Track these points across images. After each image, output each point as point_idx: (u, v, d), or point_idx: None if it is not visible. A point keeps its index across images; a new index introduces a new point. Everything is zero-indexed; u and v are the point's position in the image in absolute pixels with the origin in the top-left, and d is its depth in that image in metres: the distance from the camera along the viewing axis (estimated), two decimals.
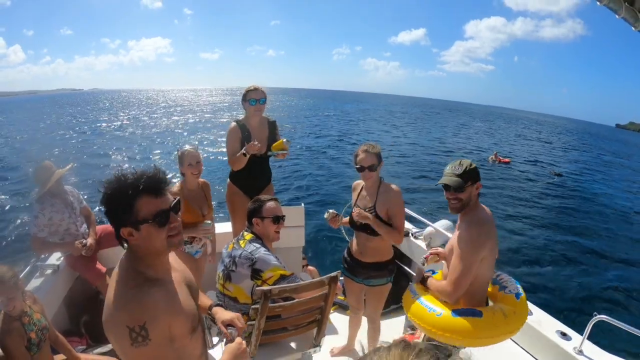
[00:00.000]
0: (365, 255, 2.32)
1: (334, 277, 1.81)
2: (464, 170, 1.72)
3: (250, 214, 2.08)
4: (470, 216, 1.76)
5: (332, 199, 9.95)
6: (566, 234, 9.21)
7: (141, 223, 1.02)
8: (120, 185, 1.02)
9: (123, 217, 1.02)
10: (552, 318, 2.31)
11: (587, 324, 2.01)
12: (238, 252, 1.95)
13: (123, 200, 1.01)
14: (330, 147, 19.85)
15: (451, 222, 3.12)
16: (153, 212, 1.03)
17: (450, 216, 3.18)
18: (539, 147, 31.05)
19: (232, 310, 1.98)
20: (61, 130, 27.02)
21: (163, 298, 1.05)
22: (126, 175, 1.03)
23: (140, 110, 51.72)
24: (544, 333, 2.18)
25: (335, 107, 65.64)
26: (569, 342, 2.11)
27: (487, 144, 27.82)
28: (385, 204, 2.22)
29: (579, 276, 6.83)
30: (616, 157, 34.11)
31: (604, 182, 18.10)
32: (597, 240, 9.13)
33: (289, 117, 37.84)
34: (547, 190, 14.07)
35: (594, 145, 45.57)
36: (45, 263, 2.85)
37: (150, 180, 1.03)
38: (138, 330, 0.97)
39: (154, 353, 1.01)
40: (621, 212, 12.29)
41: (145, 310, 1.00)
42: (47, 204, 2.63)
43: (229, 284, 1.96)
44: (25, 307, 1.89)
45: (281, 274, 1.88)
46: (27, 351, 1.83)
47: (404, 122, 43.34)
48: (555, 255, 7.68)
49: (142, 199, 1.02)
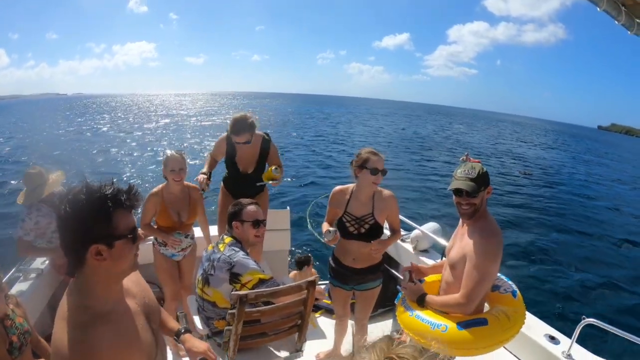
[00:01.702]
0: (359, 261, 2.25)
1: (312, 281, 1.78)
2: (477, 174, 1.64)
3: (230, 217, 2.05)
4: (483, 223, 1.68)
5: (304, 198, 9.84)
6: (547, 234, 9.20)
7: (117, 239, 0.94)
8: (100, 196, 0.92)
9: (98, 232, 0.92)
10: (541, 321, 2.29)
11: (576, 328, 1.99)
12: (217, 256, 1.92)
13: (102, 212, 0.92)
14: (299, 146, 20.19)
15: (438, 225, 3.11)
16: (129, 227, 0.96)
17: (438, 219, 3.19)
18: (516, 147, 31.49)
19: (212, 314, 1.96)
20: (60, 130, 26.85)
21: (113, 335, 0.95)
22: (102, 186, 0.94)
23: (125, 114, 51.24)
24: (532, 337, 2.16)
25: (318, 111, 66.40)
26: (558, 346, 2.08)
27: (464, 145, 28.14)
28: (383, 211, 2.18)
29: (565, 278, 6.83)
30: (594, 156, 35.07)
31: (584, 180, 18.48)
32: (582, 240, 9.14)
33: (276, 122, 37.71)
34: (523, 189, 14.23)
35: (571, 144, 46.78)
36: (29, 267, 2.81)
37: (128, 195, 0.97)
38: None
39: None
40: (605, 210, 12.52)
41: (91, 351, 0.91)
42: (33, 209, 2.58)
43: (208, 288, 1.93)
44: (7, 310, 1.85)
45: (260, 278, 1.84)
46: (8, 355, 1.78)
47: (384, 123, 44.07)
48: (539, 256, 7.67)
49: (120, 213, 0.95)
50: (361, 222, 2.19)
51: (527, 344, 2.18)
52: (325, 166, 15.45)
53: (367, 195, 2.19)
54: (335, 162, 16.34)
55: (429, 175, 15.19)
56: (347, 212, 2.22)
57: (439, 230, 3.06)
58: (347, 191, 2.28)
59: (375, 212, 2.18)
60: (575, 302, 5.94)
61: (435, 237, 2.95)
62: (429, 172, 15.94)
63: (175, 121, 38.31)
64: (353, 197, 2.23)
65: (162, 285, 2.78)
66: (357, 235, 2.20)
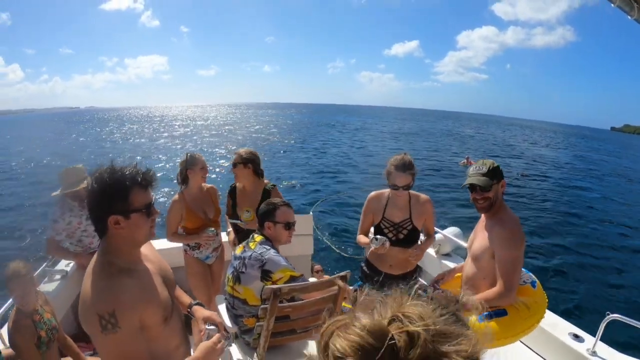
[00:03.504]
0: (396, 267, 2.26)
1: (344, 276, 1.81)
2: (488, 169, 1.72)
3: (262, 217, 2.06)
4: (502, 214, 1.74)
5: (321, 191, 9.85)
6: (566, 233, 9.09)
7: (133, 212, 1.10)
8: (120, 176, 1.10)
9: (116, 205, 1.09)
10: (564, 320, 2.28)
11: (600, 324, 1.99)
12: (248, 254, 1.96)
13: (121, 189, 1.09)
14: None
15: (459, 229, 3.12)
16: (144, 203, 1.13)
17: (458, 223, 3.19)
18: (526, 150, 31.33)
19: (242, 312, 1.99)
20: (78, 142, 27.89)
21: (134, 287, 1.10)
22: (124, 168, 1.12)
23: (142, 125, 53.13)
24: (556, 335, 2.16)
25: (331, 120, 66.84)
26: (582, 344, 2.08)
27: (474, 149, 28.36)
28: (421, 215, 2.17)
29: (587, 275, 6.73)
30: (609, 156, 34.79)
31: (598, 181, 18.31)
32: (603, 236, 9.01)
33: (289, 131, 38.41)
34: (532, 191, 14.12)
35: (582, 146, 46.32)
36: (54, 268, 2.88)
37: (145, 175, 1.14)
38: (107, 317, 1.01)
39: (124, 341, 1.04)
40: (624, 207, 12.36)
41: (115, 298, 1.05)
42: (66, 209, 2.68)
43: (239, 285, 1.97)
44: (36, 306, 1.92)
45: (291, 275, 1.88)
46: (37, 349, 1.85)
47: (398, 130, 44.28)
48: (560, 255, 7.56)
49: (136, 191, 1.11)
50: (399, 227, 2.18)
51: (552, 343, 2.19)
52: (334, 175, 15.63)
53: (404, 201, 2.17)
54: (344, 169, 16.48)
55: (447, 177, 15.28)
56: (385, 218, 2.20)
57: (461, 234, 3.06)
58: (382, 197, 2.25)
59: (413, 217, 2.16)
60: (597, 299, 5.85)
61: (458, 240, 2.96)
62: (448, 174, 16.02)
63: (196, 131, 39.67)
64: (390, 202, 2.20)
65: (195, 291, 2.76)
66: (395, 241, 2.17)
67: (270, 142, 26.54)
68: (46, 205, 8.27)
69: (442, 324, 0.43)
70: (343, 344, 0.43)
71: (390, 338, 0.41)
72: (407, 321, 0.42)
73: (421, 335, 0.41)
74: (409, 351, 0.40)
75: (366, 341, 0.41)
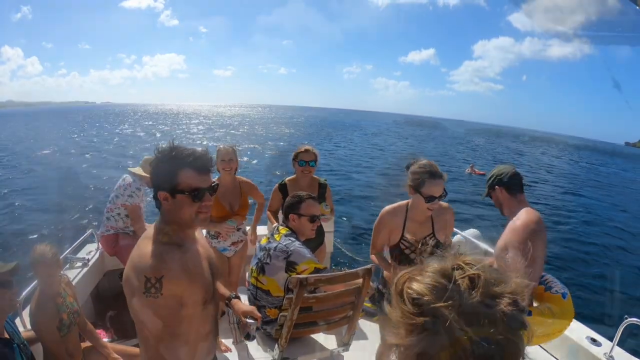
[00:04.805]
0: None
1: (369, 269, 1.81)
2: (486, 180, 2.02)
3: (287, 209, 2.08)
4: (516, 213, 1.87)
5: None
6: (582, 238, 9.04)
7: (178, 192, 1.13)
8: (172, 155, 1.14)
9: (164, 182, 1.14)
10: (581, 324, 2.28)
11: (617, 329, 1.99)
12: (273, 245, 1.98)
13: (169, 167, 1.14)
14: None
15: (478, 231, 3.10)
16: (191, 186, 1.14)
17: (477, 223, 3.18)
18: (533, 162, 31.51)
19: (265, 303, 2.01)
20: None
21: (183, 260, 1.14)
22: (179, 148, 1.16)
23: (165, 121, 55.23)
24: (573, 339, 2.16)
25: (345, 124, 67.48)
26: (599, 348, 2.08)
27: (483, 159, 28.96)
28: (444, 227, 2.05)
29: (605, 279, 6.69)
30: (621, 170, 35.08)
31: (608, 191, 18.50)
32: (621, 239, 8.89)
33: (304, 136, 38.96)
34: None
35: (595, 160, 46.20)
36: (75, 256, 2.93)
37: (198, 158, 1.16)
38: (154, 281, 1.05)
39: (161, 307, 1.07)
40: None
41: (166, 265, 1.08)
42: (142, 187, 2.95)
43: (263, 276, 1.99)
44: (60, 289, 1.95)
45: (315, 267, 1.90)
46: (58, 331, 1.86)
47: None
48: (575, 258, 7.50)
49: (186, 172, 1.14)
50: (422, 245, 2.06)
51: (569, 347, 2.19)
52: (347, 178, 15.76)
53: (425, 215, 1.97)
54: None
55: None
56: (404, 237, 2.00)
57: (480, 236, 3.05)
58: (399, 211, 2.03)
59: (436, 230, 2.02)
60: (614, 303, 5.81)
61: (477, 241, 2.94)
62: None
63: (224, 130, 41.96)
64: (408, 218, 2.00)
65: None
66: (410, 261, 2.01)
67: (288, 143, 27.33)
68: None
69: (492, 271, 0.51)
70: (419, 286, 0.50)
71: (455, 279, 0.48)
72: (467, 267, 0.50)
73: (481, 276, 0.48)
74: (471, 292, 0.47)
75: (438, 281, 0.49)
